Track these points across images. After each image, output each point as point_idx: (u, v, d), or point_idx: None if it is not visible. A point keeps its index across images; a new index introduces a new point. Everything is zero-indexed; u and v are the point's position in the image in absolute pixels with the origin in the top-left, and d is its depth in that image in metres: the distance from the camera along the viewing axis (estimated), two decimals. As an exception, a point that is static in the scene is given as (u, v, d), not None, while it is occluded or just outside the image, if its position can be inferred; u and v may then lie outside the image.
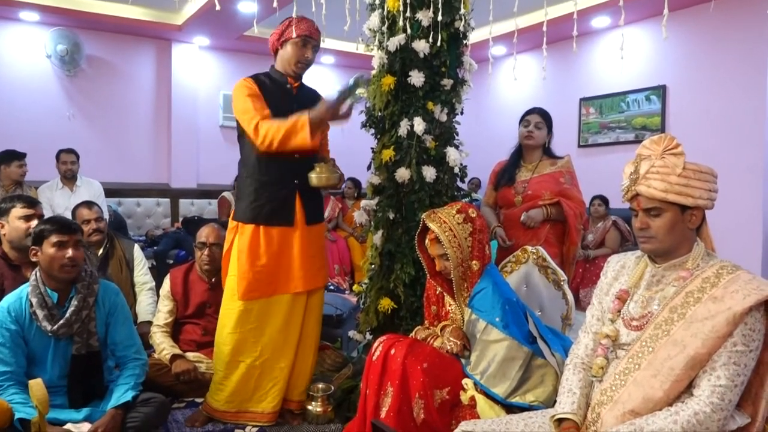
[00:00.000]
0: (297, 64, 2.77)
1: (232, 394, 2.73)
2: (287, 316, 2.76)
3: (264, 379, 2.75)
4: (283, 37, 2.74)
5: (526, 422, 1.81)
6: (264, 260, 2.71)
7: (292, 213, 2.76)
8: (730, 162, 5.14)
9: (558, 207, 3.09)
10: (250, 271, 2.70)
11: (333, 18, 2.84)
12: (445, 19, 2.74)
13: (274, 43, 2.79)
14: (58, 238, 2.27)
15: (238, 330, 2.72)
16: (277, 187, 2.73)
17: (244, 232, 2.73)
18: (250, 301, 2.71)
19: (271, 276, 2.73)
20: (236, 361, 2.73)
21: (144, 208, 6.82)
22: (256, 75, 2.81)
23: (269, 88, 2.75)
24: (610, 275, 1.85)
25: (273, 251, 2.73)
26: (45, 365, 2.31)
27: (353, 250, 6.76)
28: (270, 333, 2.74)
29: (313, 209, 2.85)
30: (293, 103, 2.77)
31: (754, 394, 1.57)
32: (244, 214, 2.75)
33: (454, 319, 2.44)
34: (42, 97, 6.51)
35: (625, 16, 2.42)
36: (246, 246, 2.71)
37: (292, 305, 2.77)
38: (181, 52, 7.23)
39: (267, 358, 2.74)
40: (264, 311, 2.73)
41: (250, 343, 2.73)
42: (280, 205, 2.75)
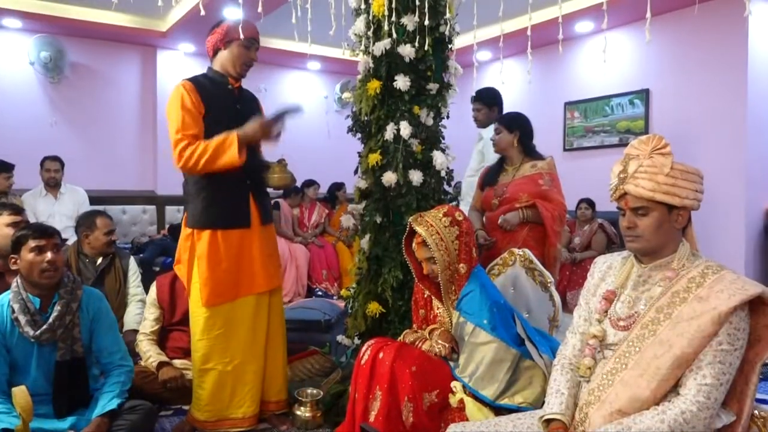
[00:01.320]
0: (242, 66, 2.77)
1: (210, 403, 2.70)
2: (253, 318, 2.74)
3: (238, 385, 2.73)
4: (228, 38, 2.73)
5: (514, 423, 1.81)
6: (225, 264, 2.68)
7: (248, 214, 2.75)
8: (712, 164, 5.19)
9: (535, 209, 3.10)
10: (212, 276, 2.67)
11: (318, 23, 2.84)
12: (430, 23, 2.75)
13: (217, 43, 2.78)
14: (36, 243, 2.24)
15: (206, 336, 2.69)
16: (230, 189, 2.70)
17: (201, 238, 2.69)
18: (215, 306, 2.68)
19: (233, 279, 2.70)
20: (207, 369, 2.70)
21: (130, 216, 6.77)
22: (194, 77, 2.79)
23: (210, 90, 2.74)
24: (597, 276, 1.86)
25: (233, 254, 2.70)
26: (28, 373, 2.27)
27: (341, 255, 6.76)
28: (238, 337, 2.72)
29: (265, 208, 2.86)
30: (236, 103, 2.79)
31: (740, 392, 1.59)
32: (198, 219, 2.71)
33: (442, 322, 2.45)
34: (25, 105, 6.45)
35: (608, 20, 2.45)
36: (205, 252, 2.68)
37: (256, 307, 2.76)
38: (166, 59, 7.19)
39: (238, 363, 2.71)
40: (230, 316, 2.71)
41: (219, 349, 2.70)
42: (236, 207, 2.73)
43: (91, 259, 3.46)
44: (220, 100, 2.73)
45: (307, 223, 6.89)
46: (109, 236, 3.49)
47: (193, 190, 2.74)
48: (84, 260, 3.44)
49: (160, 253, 5.82)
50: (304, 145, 7.71)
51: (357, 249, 3.06)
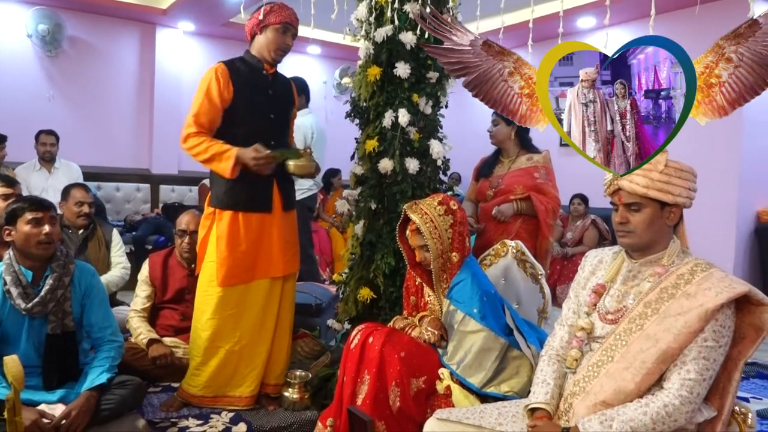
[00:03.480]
0: (276, 51, 2.74)
1: (210, 380, 2.73)
2: (265, 302, 2.76)
3: (242, 365, 2.75)
4: (264, 23, 2.71)
5: (500, 411, 1.84)
6: (244, 246, 2.70)
7: (270, 199, 2.75)
8: (707, 164, 5.22)
9: (529, 202, 3.12)
10: (230, 257, 2.69)
11: (320, 7, 2.83)
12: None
13: (254, 27, 2.76)
14: (33, 215, 2.24)
15: (217, 316, 2.71)
16: (254, 173, 2.72)
17: (222, 218, 2.71)
18: (230, 287, 2.71)
19: (250, 262, 2.72)
20: (215, 347, 2.72)
21: (123, 193, 6.76)
22: (231, 60, 2.78)
23: (244, 74, 2.73)
24: (588, 270, 1.88)
25: (252, 237, 2.72)
26: (18, 345, 2.28)
27: (334, 241, 6.76)
28: (248, 318, 2.73)
29: (288, 195, 2.86)
30: (269, 89, 2.77)
31: (722, 389, 1.62)
32: (221, 200, 2.73)
33: (433, 310, 2.47)
34: (22, 78, 6.40)
35: (610, 17, 2.49)
36: (225, 232, 2.69)
37: (269, 291, 2.77)
38: (166, 37, 7.15)
39: (246, 344, 2.74)
40: (243, 297, 2.73)
41: (229, 328, 2.72)
42: (259, 192, 2.73)
43: (73, 230, 3.50)
44: (253, 85, 2.73)
45: (302, 207, 6.88)
46: (80, 208, 3.49)
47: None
48: (67, 231, 3.48)
49: (153, 232, 5.82)
50: (301, 129, 7.67)
51: (351, 234, 3.07)
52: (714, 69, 2.05)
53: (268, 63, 2.78)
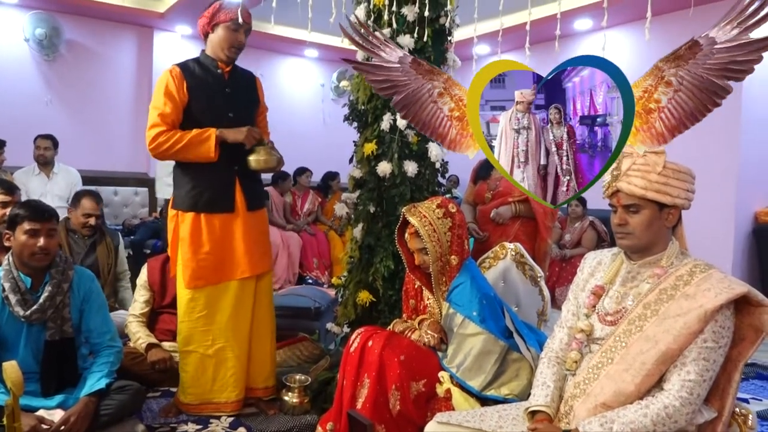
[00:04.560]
0: (230, 49, 2.72)
1: (192, 386, 2.71)
2: (236, 303, 2.73)
3: (220, 369, 2.73)
4: (214, 21, 2.69)
5: (500, 414, 1.83)
6: (207, 248, 2.68)
7: (232, 199, 2.72)
8: (705, 165, 5.21)
9: (527, 204, 3.12)
10: (194, 259, 2.67)
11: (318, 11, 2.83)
12: (430, 15, 2.75)
13: (205, 26, 2.74)
14: (31, 226, 2.23)
15: (187, 318, 2.70)
16: (216, 173, 2.69)
17: (184, 220, 2.70)
18: (197, 289, 2.69)
19: (215, 263, 2.70)
20: (188, 351, 2.71)
21: (121, 197, 6.74)
22: (185, 62, 2.76)
23: (198, 75, 2.71)
24: (587, 271, 1.88)
25: (215, 238, 2.69)
26: (17, 351, 2.27)
27: (333, 244, 6.76)
28: (220, 321, 2.71)
29: (253, 194, 2.81)
30: (225, 87, 2.75)
31: (722, 390, 1.62)
32: (182, 201, 2.71)
33: (432, 313, 2.46)
34: (19, 82, 6.39)
35: (607, 19, 2.47)
36: (188, 234, 2.68)
37: (240, 292, 2.74)
38: (163, 41, 7.15)
39: (220, 347, 2.71)
40: (212, 299, 2.70)
41: (200, 331, 2.70)
42: (220, 192, 2.71)
43: (80, 234, 3.54)
44: (207, 84, 2.71)
45: (300, 211, 6.88)
46: (87, 219, 3.51)
47: (180, 172, 2.74)
48: (73, 236, 3.53)
49: (151, 236, 5.81)
50: (299, 132, 7.69)
51: (349, 238, 3.07)
52: (653, 93, 1.93)
53: (222, 62, 2.75)
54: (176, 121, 2.66)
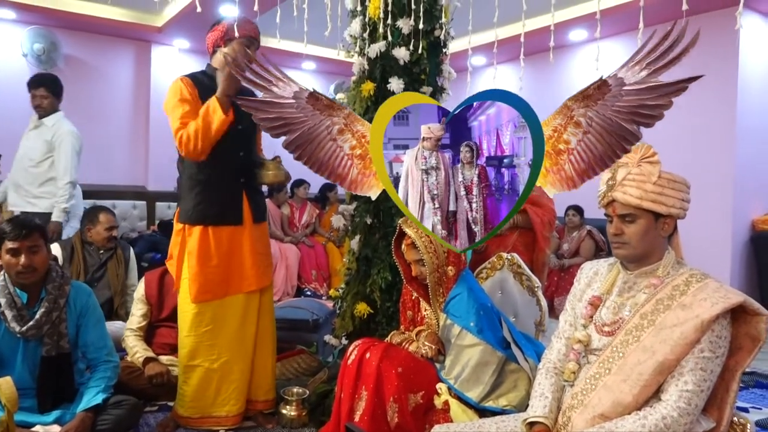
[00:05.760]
0: None
1: (194, 400, 2.70)
2: (242, 317, 2.74)
3: (224, 383, 2.73)
4: (227, 36, 2.73)
5: (498, 426, 1.82)
6: (215, 261, 2.69)
7: (240, 212, 2.75)
8: (701, 174, 5.25)
9: (525, 214, 3.13)
10: (202, 272, 2.68)
11: (314, 24, 2.85)
12: (425, 27, 2.77)
13: (217, 40, 2.77)
14: (11, 245, 2.21)
15: (193, 333, 2.70)
16: (223, 186, 2.71)
17: (192, 234, 2.71)
18: (204, 303, 2.69)
19: (223, 276, 2.71)
20: (193, 365, 2.71)
21: (120, 211, 6.73)
22: (192, 73, 2.80)
23: (207, 85, 2.74)
24: (584, 281, 1.88)
25: (223, 251, 2.71)
26: (13, 367, 2.26)
27: (331, 256, 6.76)
28: (225, 335, 2.72)
29: (258, 207, 2.85)
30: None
31: (720, 400, 1.61)
32: (190, 215, 2.72)
33: (430, 324, 2.46)
34: (17, 97, 6.38)
35: (601, 30, 2.47)
36: (195, 248, 2.69)
37: (246, 305, 2.76)
38: (161, 55, 7.18)
39: (225, 361, 2.72)
40: (218, 313, 2.71)
41: (206, 345, 2.70)
42: (229, 205, 2.73)
43: (95, 247, 3.71)
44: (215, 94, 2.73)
45: (298, 223, 6.88)
46: (110, 232, 3.72)
47: (187, 185, 2.75)
48: (88, 248, 3.70)
49: (150, 249, 5.80)
50: (297, 144, 7.68)
51: (347, 249, 3.07)
52: (562, 133, 1.84)
53: None
54: None
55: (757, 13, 5.57)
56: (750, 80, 5.49)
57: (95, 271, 3.66)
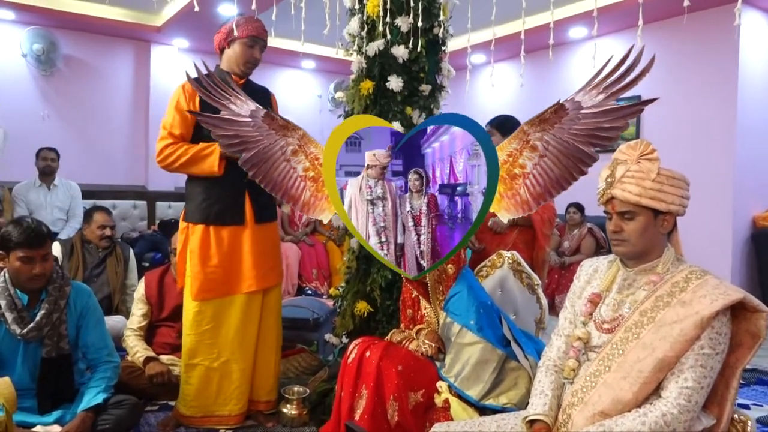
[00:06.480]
0: (246, 64, 2.79)
1: (195, 398, 2.71)
2: (243, 317, 2.75)
3: (225, 382, 2.73)
4: (231, 37, 2.74)
5: (498, 424, 1.82)
6: (216, 260, 2.71)
7: (241, 212, 2.76)
8: (701, 171, 5.24)
9: None
10: (202, 271, 2.70)
11: (313, 22, 2.85)
12: (424, 25, 2.76)
13: (221, 42, 2.79)
14: (25, 254, 2.20)
15: (194, 331, 2.71)
16: (226, 186, 2.72)
17: (194, 233, 2.73)
18: (204, 301, 2.70)
19: (223, 276, 2.72)
20: (193, 364, 2.72)
21: (120, 210, 6.73)
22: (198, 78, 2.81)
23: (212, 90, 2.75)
24: (583, 279, 1.88)
25: (224, 251, 2.72)
26: (14, 368, 2.26)
27: (332, 254, 6.75)
28: (226, 334, 2.72)
29: (263, 208, 2.84)
30: None
31: (720, 396, 1.61)
32: (193, 214, 2.76)
33: (430, 323, 2.46)
34: (17, 97, 6.41)
35: (600, 27, 2.46)
36: (197, 246, 2.71)
37: (247, 305, 2.76)
38: (160, 54, 7.18)
39: (225, 360, 2.72)
40: (219, 312, 2.72)
41: (206, 344, 2.71)
42: (230, 205, 2.74)
43: (94, 245, 3.78)
44: None
45: (298, 221, 6.88)
46: (103, 231, 3.77)
47: (192, 184, 2.78)
48: (87, 247, 3.78)
49: (150, 249, 5.81)
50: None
51: (347, 248, 3.07)
52: (518, 158, 1.83)
53: (237, 75, 2.79)
54: (185, 135, 2.71)
55: (758, 9, 5.56)
56: (750, 77, 5.49)
57: (94, 268, 3.71)
